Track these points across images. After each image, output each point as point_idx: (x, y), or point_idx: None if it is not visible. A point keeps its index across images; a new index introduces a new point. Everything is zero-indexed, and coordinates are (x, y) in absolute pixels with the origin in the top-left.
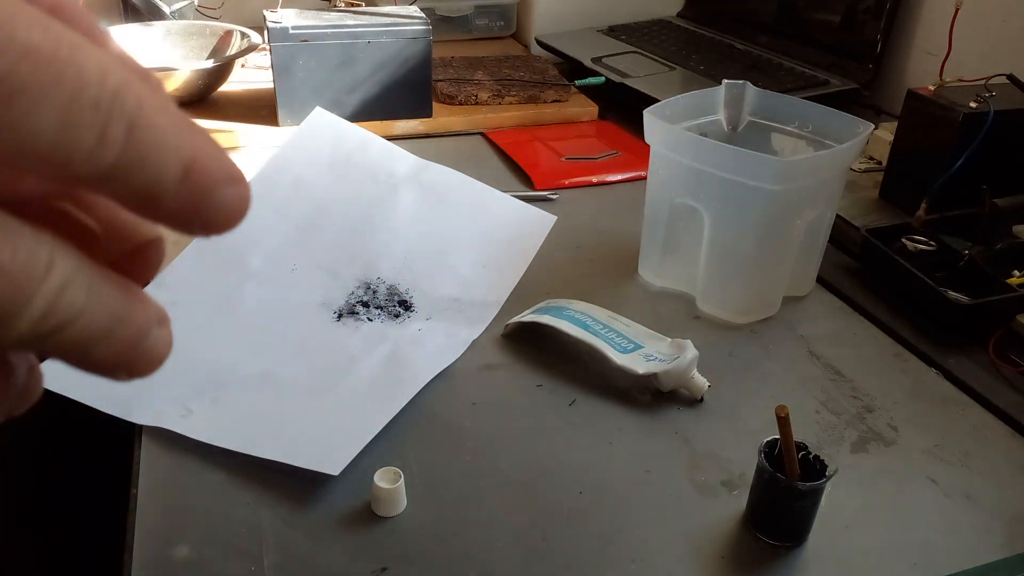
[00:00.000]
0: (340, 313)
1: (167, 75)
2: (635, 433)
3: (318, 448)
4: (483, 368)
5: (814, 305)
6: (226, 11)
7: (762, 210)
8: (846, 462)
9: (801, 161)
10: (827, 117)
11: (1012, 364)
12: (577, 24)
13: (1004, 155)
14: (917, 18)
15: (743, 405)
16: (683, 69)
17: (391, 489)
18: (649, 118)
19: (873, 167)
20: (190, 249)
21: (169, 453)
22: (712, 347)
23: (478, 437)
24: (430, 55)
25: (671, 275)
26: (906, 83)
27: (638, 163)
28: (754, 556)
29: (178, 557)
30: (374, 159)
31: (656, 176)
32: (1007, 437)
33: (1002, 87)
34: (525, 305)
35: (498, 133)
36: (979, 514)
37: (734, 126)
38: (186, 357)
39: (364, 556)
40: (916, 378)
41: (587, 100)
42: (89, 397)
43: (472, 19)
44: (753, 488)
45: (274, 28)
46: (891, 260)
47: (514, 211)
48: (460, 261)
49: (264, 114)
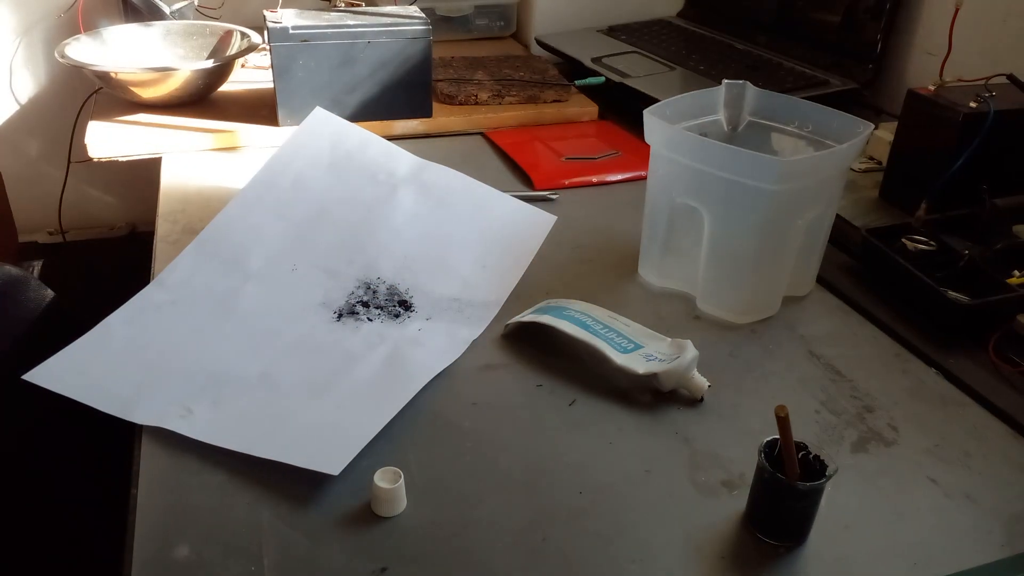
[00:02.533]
0: (340, 313)
1: (167, 75)
2: (635, 433)
3: (318, 448)
4: (483, 368)
5: (814, 305)
6: (226, 11)
7: (762, 210)
8: (846, 462)
9: (801, 161)
10: (827, 117)
11: (1012, 364)
12: (577, 24)
13: (1004, 155)
14: (917, 18)
15: (743, 405)
16: (683, 69)
17: (391, 489)
18: (649, 118)
19: (873, 167)
20: (190, 249)
21: (169, 453)
22: (712, 347)
23: (478, 437)
24: (430, 55)
25: (671, 275)
26: (906, 83)
27: (638, 163)
28: (754, 556)
29: (178, 557)
30: (374, 159)
31: (656, 176)
32: (1007, 437)
33: (1002, 87)
34: (525, 305)
35: (498, 133)
36: (979, 514)
37: (734, 126)
38: (186, 357)
39: (364, 556)
40: (916, 378)
41: (587, 100)
42: (89, 397)
43: (472, 19)
44: (753, 488)
45: (274, 28)
46: (891, 260)
47: (514, 211)
48: (460, 261)
49: (264, 114)
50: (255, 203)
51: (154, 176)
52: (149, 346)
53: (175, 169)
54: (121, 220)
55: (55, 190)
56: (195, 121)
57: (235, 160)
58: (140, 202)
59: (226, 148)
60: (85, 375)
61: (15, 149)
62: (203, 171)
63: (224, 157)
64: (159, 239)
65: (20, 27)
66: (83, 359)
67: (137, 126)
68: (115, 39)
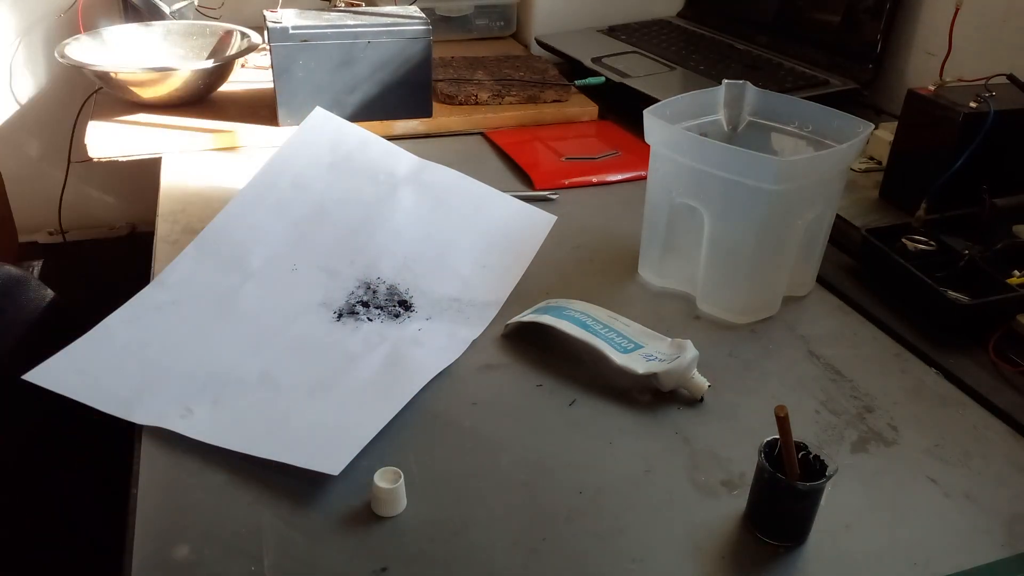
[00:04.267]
0: (340, 313)
1: (167, 75)
2: (635, 433)
3: (318, 448)
4: (483, 368)
5: (814, 305)
6: (226, 11)
7: (762, 210)
8: (846, 462)
9: (801, 161)
10: (827, 117)
11: (1012, 364)
12: (577, 24)
13: (1004, 155)
14: (917, 18)
15: (743, 405)
16: (683, 69)
17: (391, 489)
18: (649, 118)
19: (873, 167)
20: (190, 249)
21: (169, 453)
22: (712, 347)
23: (478, 437)
24: (430, 55)
25: (671, 275)
26: (906, 83)
27: (638, 163)
28: (754, 556)
29: (178, 557)
30: (374, 159)
31: (656, 176)
32: (1007, 437)
33: (1002, 87)
34: (525, 305)
35: (498, 133)
36: (979, 514)
37: (734, 126)
38: (186, 357)
39: (364, 556)
40: (916, 378)
41: (587, 100)
42: (89, 397)
43: (472, 19)
44: (753, 488)
45: (274, 28)
46: (891, 260)
47: (514, 211)
48: (460, 261)
49: (264, 114)
50: (255, 203)
51: (154, 176)
52: (149, 346)
53: (175, 169)
54: (121, 220)
55: (55, 190)
56: (195, 121)
57: (235, 160)
58: (140, 202)
59: (226, 148)
60: (85, 375)
61: (15, 149)
62: (203, 171)
63: (224, 157)
64: (159, 239)
65: (20, 27)
66: (83, 359)
67: (137, 126)
68: (115, 39)
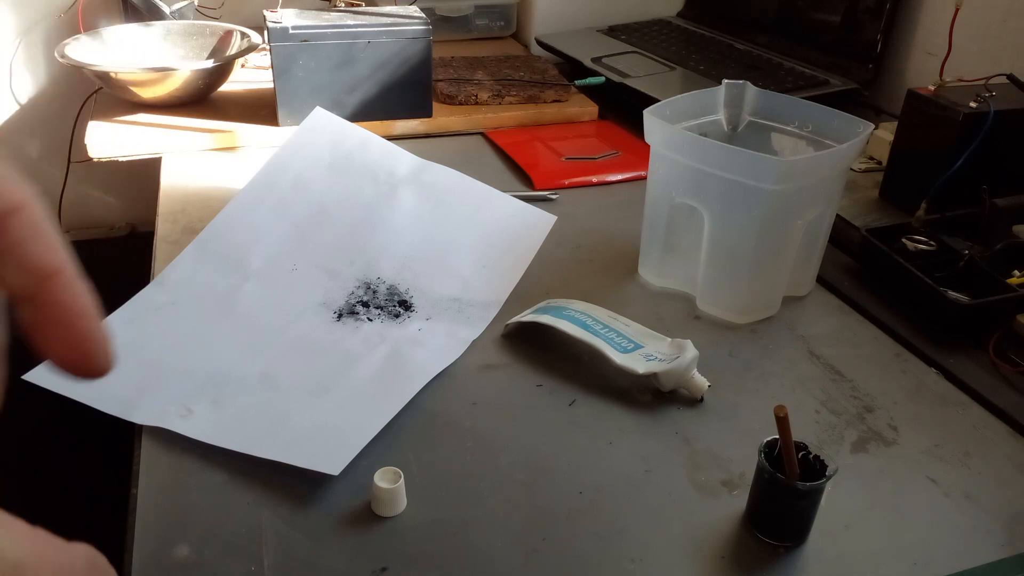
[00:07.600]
0: (340, 313)
1: (167, 75)
2: (635, 433)
3: (318, 448)
4: (483, 368)
5: (814, 305)
6: (226, 11)
7: (762, 210)
8: (846, 462)
9: (801, 161)
10: (827, 117)
11: (1012, 364)
12: (577, 24)
13: (1004, 155)
14: (917, 18)
15: (743, 405)
16: (683, 69)
17: (391, 489)
18: (649, 118)
19: (873, 167)
20: (190, 249)
21: (169, 453)
22: (712, 347)
23: (478, 437)
24: (430, 55)
25: (671, 275)
26: (906, 83)
27: (638, 163)
28: (754, 556)
29: (178, 557)
30: (374, 159)
31: (656, 176)
32: (1007, 437)
33: (1002, 87)
34: (525, 305)
35: (498, 133)
36: (979, 514)
37: (734, 126)
38: (186, 357)
39: (364, 556)
40: (916, 378)
41: (587, 100)
42: (89, 397)
43: (472, 19)
44: (753, 488)
45: (274, 28)
46: (891, 260)
47: (514, 211)
48: (460, 261)
49: (264, 114)
50: (255, 203)
51: (154, 176)
52: (149, 346)
53: (175, 169)
54: (121, 220)
55: (55, 190)
56: (195, 121)
57: (235, 160)
58: (140, 202)
59: (226, 148)
60: None
61: (15, 149)
62: (203, 171)
63: (224, 157)
64: (159, 239)
65: (20, 27)
66: None
67: (137, 126)
68: (115, 39)
